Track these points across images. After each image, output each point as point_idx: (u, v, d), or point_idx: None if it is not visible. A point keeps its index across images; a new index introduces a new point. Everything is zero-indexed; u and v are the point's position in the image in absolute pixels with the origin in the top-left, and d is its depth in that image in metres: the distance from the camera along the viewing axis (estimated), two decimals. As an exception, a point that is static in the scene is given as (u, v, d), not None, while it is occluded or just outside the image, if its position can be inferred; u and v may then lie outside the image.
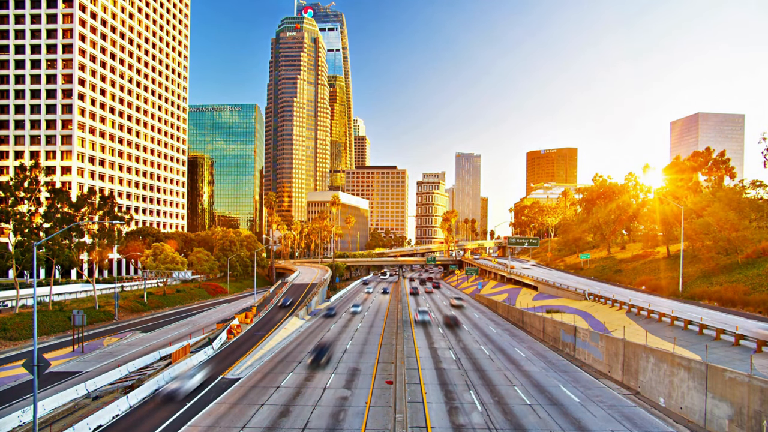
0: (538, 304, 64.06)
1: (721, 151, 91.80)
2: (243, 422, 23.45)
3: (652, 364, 26.52)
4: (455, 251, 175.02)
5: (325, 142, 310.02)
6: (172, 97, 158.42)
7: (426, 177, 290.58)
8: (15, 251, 59.21)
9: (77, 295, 73.96)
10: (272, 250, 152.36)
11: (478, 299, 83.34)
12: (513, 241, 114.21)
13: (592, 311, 51.81)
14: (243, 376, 32.70)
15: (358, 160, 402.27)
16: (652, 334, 37.22)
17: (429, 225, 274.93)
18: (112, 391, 31.81)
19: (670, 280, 61.31)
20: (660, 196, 76.53)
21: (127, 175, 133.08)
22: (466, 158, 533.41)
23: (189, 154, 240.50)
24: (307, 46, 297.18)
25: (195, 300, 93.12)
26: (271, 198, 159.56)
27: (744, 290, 47.39)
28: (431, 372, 32.39)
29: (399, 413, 21.88)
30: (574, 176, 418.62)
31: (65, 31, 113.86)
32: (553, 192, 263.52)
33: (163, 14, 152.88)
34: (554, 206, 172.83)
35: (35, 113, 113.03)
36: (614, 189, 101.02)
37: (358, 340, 45.70)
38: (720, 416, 21.06)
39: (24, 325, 53.40)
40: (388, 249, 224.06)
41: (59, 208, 64.28)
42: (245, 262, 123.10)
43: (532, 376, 31.28)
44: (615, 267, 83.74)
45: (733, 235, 58.44)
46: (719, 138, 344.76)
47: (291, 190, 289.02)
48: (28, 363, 21.23)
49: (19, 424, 25.15)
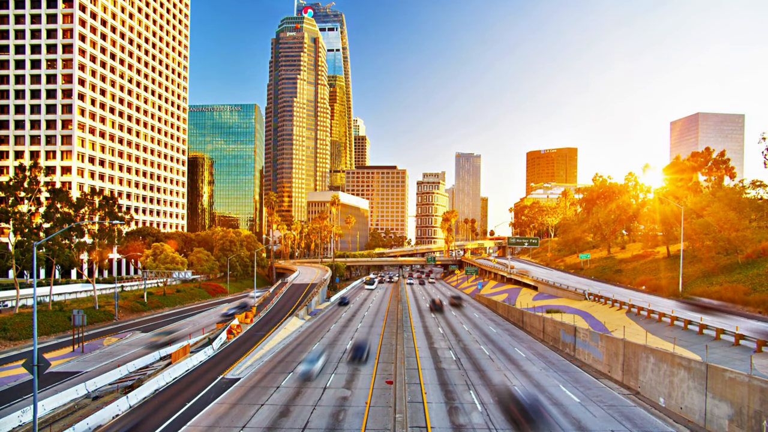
0: (538, 304, 64.05)
1: (721, 151, 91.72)
2: (243, 422, 23.45)
3: (652, 364, 26.51)
4: (455, 251, 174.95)
5: (325, 142, 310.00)
6: (172, 97, 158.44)
7: (426, 177, 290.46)
8: (15, 251, 59.18)
9: (77, 295, 73.94)
10: (272, 250, 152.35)
11: (478, 299, 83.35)
12: (513, 241, 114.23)
13: (592, 311, 51.81)
14: (243, 376, 32.71)
15: (358, 160, 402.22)
16: (652, 334, 37.22)
17: (429, 225, 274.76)
18: (112, 391, 31.83)
19: (670, 280, 61.27)
20: (660, 196, 76.46)
21: (127, 175, 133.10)
22: (466, 158, 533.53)
23: (189, 154, 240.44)
24: (307, 46, 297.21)
25: (195, 300, 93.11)
26: (271, 198, 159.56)
27: (744, 290, 47.36)
28: (431, 372, 32.39)
29: (399, 413, 21.87)
30: (574, 176, 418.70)
31: (65, 31, 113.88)
32: (553, 192, 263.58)
33: (163, 14, 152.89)
34: (554, 206, 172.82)
35: (35, 113, 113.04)
36: (614, 189, 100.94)
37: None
38: (720, 416, 21.06)
39: (24, 325, 53.40)
40: (388, 249, 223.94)
41: (59, 208, 64.25)
42: (245, 262, 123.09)
43: (532, 376, 31.27)
44: (615, 267, 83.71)
45: (733, 235, 58.44)
46: (719, 138, 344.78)
47: (291, 190, 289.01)
48: (28, 363, 21.24)
49: (19, 424, 25.17)
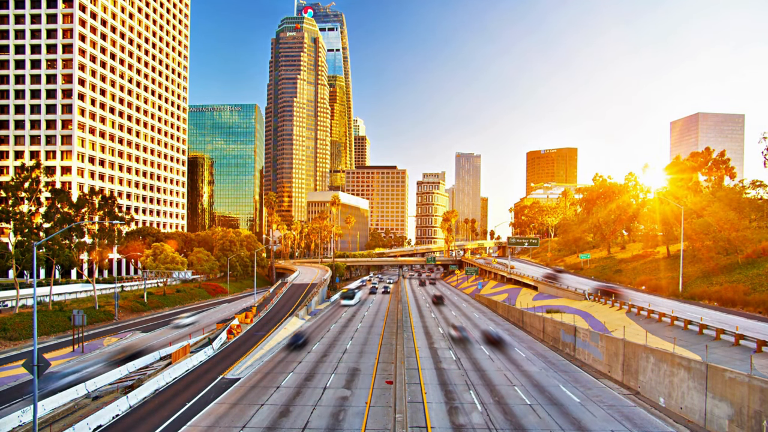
0: (538, 304, 64.04)
1: (721, 151, 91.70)
2: (243, 422, 23.45)
3: (652, 364, 26.51)
4: (455, 251, 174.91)
5: (325, 142, 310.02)
6: (172, 97, 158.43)
7: (426, 177, 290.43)
8: (15, 251, 59.20)
9: (77, 295, 73.96)
10: (272, 250, 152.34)
11: (478, 299, 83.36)
12: (513, 241, 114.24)
13: (592, 311, 51.82)
14: (243, 376, 32.71)
15: (358, 160, 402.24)
16: (652, 334, 37.21)
17: (429, 225, 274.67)
18: (112, 391, 31.82)
19: (670, 280, 61.29)
20: (660, 196, 76.44)
21: (127, 175, 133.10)
22: (466, 158, 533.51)
23: (189, 154, 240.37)
24: (307, 46, 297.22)
25: (195, 300, 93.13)
26: (271, 198, 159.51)
27: (744, 290, 47.38)
28: (431, 372, 32.39)
29: (399, 413, 21.88)
30: (574, 176, 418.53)
31: (65, 31, 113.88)
32: (553, 192, 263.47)
33: (163, 14, 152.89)
34: (554, 206, 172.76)
35: (35, 113, 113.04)
36: (614, 189, 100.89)
37: (358, 340, 45.72)
38: (720, 416, 21.06)
39: (24, 325, 53.41)
40: (388, 249, 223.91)
41: (59, 208, 64.29)
42: (245, 262, 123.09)
43: (532, 376, 31.27)
44: (615, 267, 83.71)
45: (733, 235, 58.46)
46: (719, 138, 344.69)
47: (291, 190, 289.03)
48: (28, 363, 21.22)
49: (19, 424, 25.17)
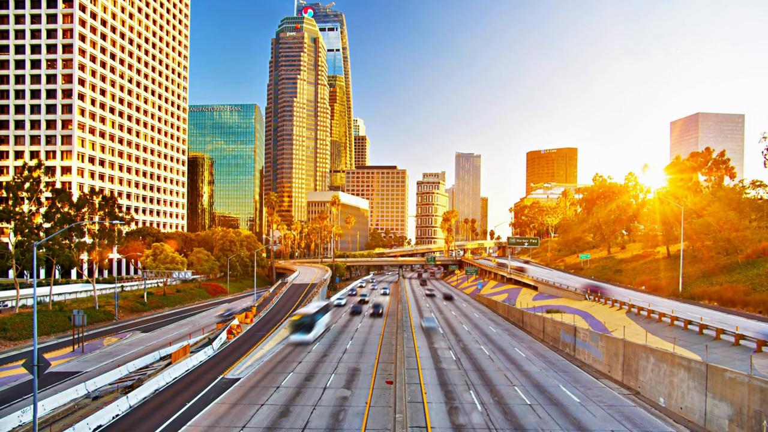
0: (538, 304, 64.06)
1: (721, 151, 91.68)
2: (243, 422, 23.45)
3: (652, 364, 26.51)
4: (455, 251, 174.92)
5: (325, 142, 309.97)
6: (172, 97, 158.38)
7: (426, 177, 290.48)
8: (15, 251, 59.21)
9: (77, 295, 73.93)
10: (272, 250, 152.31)
11: (478, 299, 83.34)
12: (513, 241, 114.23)
13: (592, 311, 51.82)
14: (243, 376, 32.70)
15: (358, 160, 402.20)
16: (652, 334, 37.22)
17: (429, 225, 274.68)
18: (112, 391, 31.82)
19: (670, 280, 61.30)
20: (660, 196, 76.46)
21: (127, 175, 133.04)
22: (466, 158, 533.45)
23: (189, 154, 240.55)
24: (307, 46, 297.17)
25: (195, 300, 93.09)
26: (271, 198, 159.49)
27: (744, 290, 47.39)
28: (431, 372, 32.38)
29: (399, 413, 21.87)
30: (574, 176, 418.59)
31: (65, 31, 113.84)
32: (553, 192, 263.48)
33: (163, 14, 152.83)
34: (554, 206, 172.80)
35: (35, 113, 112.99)
36: (614, 189, 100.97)
37: (358, 340, 45.72)
38: (720, 416, 21.06)
39: (24, 325, 53.40)
40: (388, 249, 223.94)
41: (60, 208, 64.27)
42: (245, 262, 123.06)
43: (532, 376, 31.27)
44: (615, 267, 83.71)
45: (733, 235, 58.46)
46: (719, 138, 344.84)
47: (291, 190, 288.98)
48: (28, 363, 21.23)
49: (19, 424, 25.17)
